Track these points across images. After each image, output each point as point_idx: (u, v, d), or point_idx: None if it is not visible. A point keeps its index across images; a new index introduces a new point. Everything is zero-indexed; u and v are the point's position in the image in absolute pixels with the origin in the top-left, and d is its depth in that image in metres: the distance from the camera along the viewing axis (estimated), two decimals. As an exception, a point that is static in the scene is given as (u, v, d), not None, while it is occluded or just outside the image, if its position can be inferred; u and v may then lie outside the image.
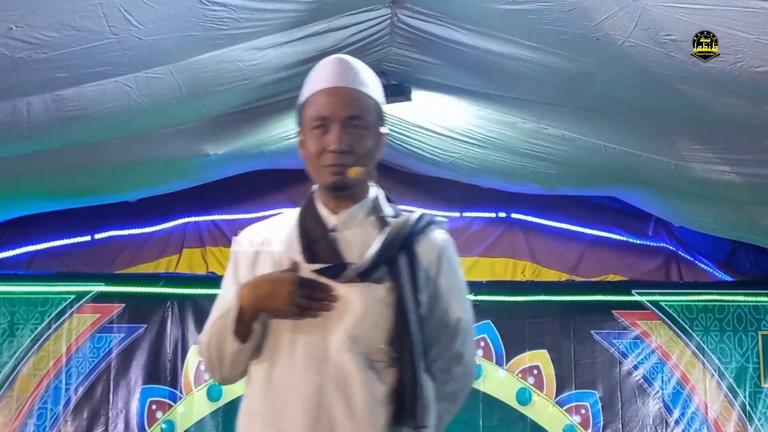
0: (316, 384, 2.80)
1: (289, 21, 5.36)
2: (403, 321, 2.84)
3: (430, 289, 2.98)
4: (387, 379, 2.83)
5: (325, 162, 2.94)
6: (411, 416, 2.82)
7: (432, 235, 3.05)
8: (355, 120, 2.98)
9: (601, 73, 5.42)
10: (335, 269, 2.89)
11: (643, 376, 8.56)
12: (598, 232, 9.31)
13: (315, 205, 3.06)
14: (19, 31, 4.39)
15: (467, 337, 3.09)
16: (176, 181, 8.22)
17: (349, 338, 2.83)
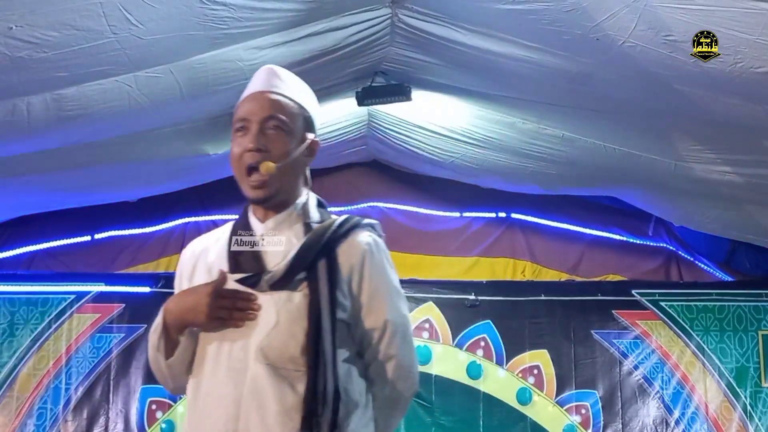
0: (234, 397, 2.80)
1: (289, 20, 5.36)
2: (316, 329, 2.81)
3: (355, 293, 2.95)
4: (299, 387, 2.79)
5: (244, 163, 2.95)
6: (322, 424, 2.77)
7: (355, 239, 3.01)
8: (272, 120, 2.98)
9: (601, 74, 5.42)
10: (252, 279, 2.89)
11: (644, 376, 8.56)
12: (598, 232, 9.32)
13: (247, 213, 3.08)
14: (19, 30, 4.39)
15: (396, 339, 3.02)
16: (176, 181, 8.22)
17: (261, 348, 2.81)
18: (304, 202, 3.08)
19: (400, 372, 3.05)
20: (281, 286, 2.86)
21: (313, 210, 3.09)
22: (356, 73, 6.87)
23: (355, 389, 2.91)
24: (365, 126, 8.39)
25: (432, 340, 8.62)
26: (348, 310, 2.91)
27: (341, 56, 6.21)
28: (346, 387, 2.86)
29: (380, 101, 7.04)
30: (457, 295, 8.72)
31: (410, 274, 9.04)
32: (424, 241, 9.35)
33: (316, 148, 3.15)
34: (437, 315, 8.67)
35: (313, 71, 6.24)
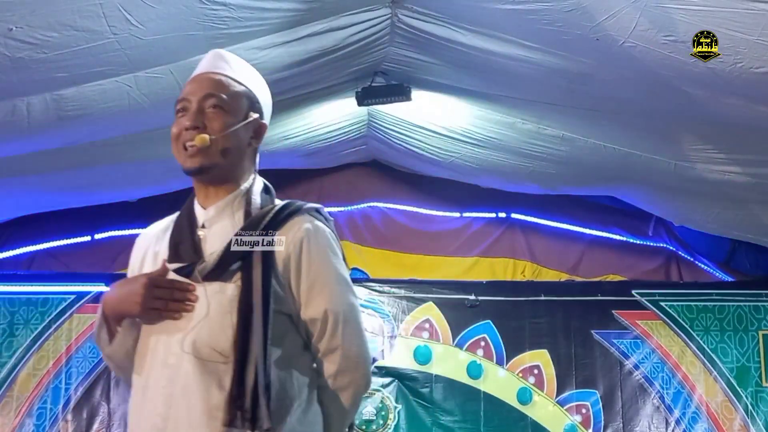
0: (166, 393, 2.72)
1: (289, 20, 5.36)
2: (244, 322, 2.71)
3: (293, 283, 2.83)
4: (227, 383, 2.69)
5: (181, 141, 2.87)
6: (248, 419, 2.66)
7: (292, 225, 2.87)
8: (211, 99, 2.90)
9: (601, 74, 5.42)
10: (186, 269, 2.80)
11: (644, 376, 8.55)
12: (598, 233, 9.32)
13: (193, 202, 2.98)
14: (19, 31, 4.39)
15: (342, 328, 2.88)
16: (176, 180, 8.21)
17: (191, 342, 2.72)
18: (248, 187, 2.97)
19: (346, 363, 2.90)
20: (214, 277, 2.76)
21: (256, 196, 2.96)
22: (356, 73, 6.87)
23: (294, 384, 2.79)
24: (365, 126, 8.39)
25: (432, 340, 8.62)
26: (287, 301, 2.81)
27: (341, 56, 6.21)
28: (283, 382, 2.75)
29: (380, 101, 7.04)
30: (457, 295, 8.72)
31: (410, 274, 9.06)
32: (424, 241, 9.35)
33: (263, 130, 3.06)
34: (437, 315, 8.67)
35: (313, 71, 6.25)
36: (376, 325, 8.66)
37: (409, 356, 8.58)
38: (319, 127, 7.96)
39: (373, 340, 8.60)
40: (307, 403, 2.83)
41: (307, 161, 8.97)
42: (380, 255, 9.32)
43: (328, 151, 8.72)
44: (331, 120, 7.92)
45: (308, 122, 7.75)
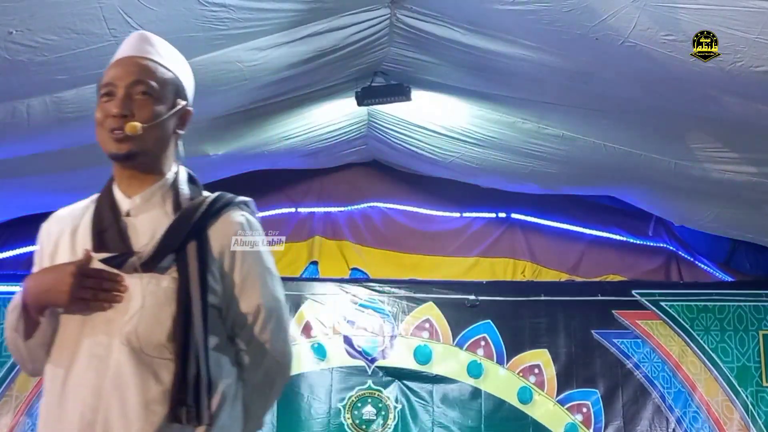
0: (95, 385, 2.61)
1: (289, 21, 5.36)
2: (185, 313, 2.64)
3: (226, 275, 2.79)
4: (165, 376, 2.62)
5: (107, 127, 2.75)
6: (189, 414, 2.60)
7: (227, 219, 2.84)
8: (140, 85, 2.78)
9: (601, 73, 5.42)
10: (118, 259, 2.69)
11: (645, 376, 8.55)
12: (598, 233, 9.32)
13: (111, 188, 2.85)
14: (19, 34, 4.39)
15: (270, 323, 2.86)
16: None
17: (126, 334, 2.62)
18: (174, 177, 2.88)
19: (273, 357, 2.89)
20: (149, 268, 2.67)
21: (183, 186, 2.89)
22: (356, 73, 6.87)
23: (225, 379, 2.76)
24: (365, 126, 8.39)
25: (432, 339, 8.62)
26: (219, 294, 2.76)
27: (341, 56, 6.21)
28: (216, 377, 2.71)
29: (380, 101, 7.04)
30: (458, 295, 8.73)
31: (410, 274, 9.07)
32: (424, 241, 9.35)
33: (188, 117, 2.96)
34: (437, 315, 8.67)
35: (313, 72, 6.26)
36: (377, 325, 8.67)
37: (409, 356, 8.58)
38: (319, 127, 7.96)
39: (374, 340, 8.60)
40: (234, 400, 2.80)
41: (307, 161, 8.97)
42: (380, 255, 9.33)
43: (328, 151, 8.73)
44: (331, 120, 7.92)
45: (308, 122, 7.76)
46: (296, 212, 9.41)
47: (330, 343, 8.63)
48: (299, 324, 8.62)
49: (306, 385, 8.50)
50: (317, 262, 9.25)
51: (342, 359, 8.60)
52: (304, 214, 9.42)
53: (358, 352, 8.59)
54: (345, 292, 8.79)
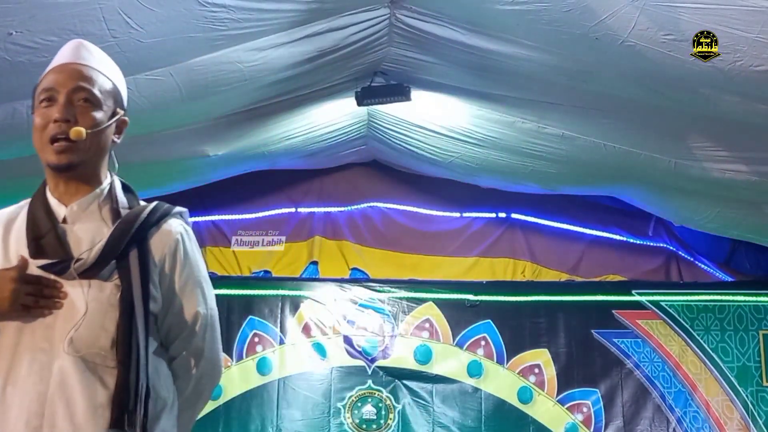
0: (39, 391, 2.58)
1: (289, 21, 5.36)
2: (128, 322, 2.64)
3: (166, 283, 2.79)
4: (110, 381, 2.61)
5: (49, 133, 2.71)
6: (132, 420, 2.60)
7: (167, 227, 2.85)
8: (81, 92, 2.76)
9: (601, 72, 5.42)
10: (59, 265, 2.66)
11: (645, 375, 8.56)
12: (598, 233, 9.33)
13: (45, 194, 2.82)
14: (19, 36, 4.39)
15: (207, 332, 2.90)
16: (177, 182, 8.22)
17: (70, 341, 2.61)
18: (110, 185, 2.88)
19: (207, 366, 2.92)
20: (91, 275, 2.66)
21: (120, 194, 2.89)
22: (356, 73, 6.87)
23: (163, 386, 2.78)
24: (365, 126, 8.39)
25: (432, 339, 8.62)
26: (158, 302, 2.76)
27: (340, 56, 6.21)
28: (155, 383, 2.71)
29: (380, 101, 7.04)
30: (458, 295, 8.73)
31: (410, 274, 9.07)
32: (424, 241, 9.35)
33: (124, 127, 2.96)
34: (437, 315, 8.68)
35: (313, 72, 6.25)
36: (377, 324, 8.67)
37: (409, 356, 8.59)
38: (319, 127, 7.96)
39: (374, 340, 8.61)
40: (171, 407, 2.82)
41: (307, 161, 8.98)
42: (380, 255, 9.33)
43: (328, 152, 8.73)
44: (331, 120, 7.92)
45: (308, 122, 7.75)
46: (296, 212, 9.41)
47: (330, 343, 8.64)
48: (299, 324, 8.63)
49: (306, 385, 8.51)
50: (317, 262, 9.25)
51: (342, 359, 8.61)
52: (304, 214, 9.42)
53: (359, 351, 8.59)
54: (345, 292, 8.79)
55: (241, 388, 8.35)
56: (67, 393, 2.58)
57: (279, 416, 8.37)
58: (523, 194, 8.93)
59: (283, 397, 8.45)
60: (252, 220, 9.17)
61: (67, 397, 2.58)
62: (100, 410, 2.59)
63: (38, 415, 2.57)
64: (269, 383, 8.46)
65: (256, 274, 9.02)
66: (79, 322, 2.62)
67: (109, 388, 2.61)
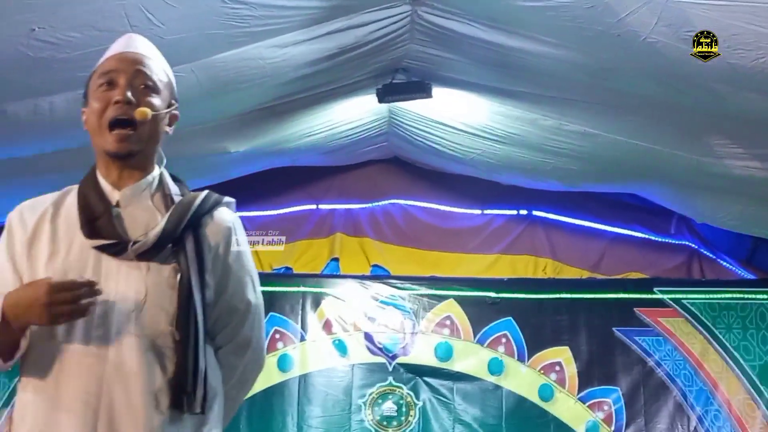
0: (96, 373, 2.58)
1: (310, 18, 5.36)
2: (187, 303, 2.66)
3: (218, 272, 2.82)
4: (169, 364, 2.63)
5: (109, 116, 2.73)
6: (191, 402, 2.62)
7: (219, 216, 2.89)
8: (142, 77, 2.80)
9: (623, 69, 5.41)
10: (117, 247, 2.67)
11: (666, 374, 8.52)
12: (619, 230, 9.29)
13: (96, 178, 2.83)
14: (41, 31, 4.41)
15: (256, 321, 2.95)
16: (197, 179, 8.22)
17: (130, 322, 2.62)
18: (161, 173, 2.90)
19: (253, 355, 2.98)
20: (149, 257, 2.68)
21: (171, 183, 2.92)
22: (377, 70, 6.87)
23: (214, 372, 2.80)
24: (386, 123, 8.39)
25: (453, 336, 8.61)
26: (210, 289, 2.78)
27: (362, 53, 6.22)
28: (207, 368, 2.72)
29: (401, 98, 7.04)
30: (478, 292, 8.72)
31: (431, 271, 9.06)
32: (445, 238, 9.34)
33: (175, 120, 2.99)
34: (458, 312, 8.66)
35: (334, 69, 6.26)
36: (397, 321, 8.67)
37: (430, 353, 8.58)
38: (340, 124, 7.97)
39: (395, 337, 8.61)
40: (220, 395, 2.84)
41: (328, 158, 8.98)
42: (401, 252, 9.32)
43: (349, 148, 8.73)
44: (352, 117, 7.93)
45: (329, 119, 7.77)
46: (317, 209, 9.41)
47: (351, 340, 8.64)
48: (320, 320, 8.63)
49: (327, 382, 8.51)
50: (338, 259, 9.25)
51: (363, 356, 8.61)
52: (325, 211, 9.42)
53: (379, 348, 8.59)
54: (366, 288, 8.79)
55: (262, 385, 8.35)
56: (124, 374, 2.59)
57: (300, 413, 8.38)
58: (545, 191, 8.92)
59: (303, 394, 8.45)
60: (273, 216, 9.18)
61: (125, 379, 2.59)
62: (159, 392, 2.61)
63: (96, 396, 2.57)
64: (290, 380, 8.47)
65: (277, 271, 9.03)
66: (141, 304, 2.64)
67: (168, 370, 2.64)
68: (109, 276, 2.67)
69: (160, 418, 2.60)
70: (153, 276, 2.68)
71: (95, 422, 2.56)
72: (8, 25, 4.38)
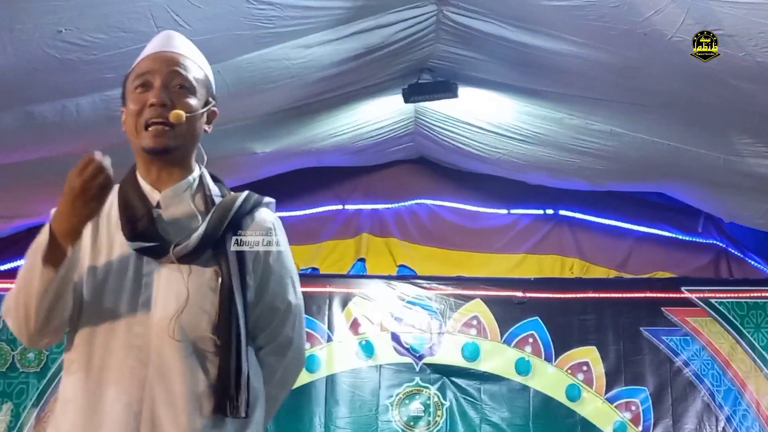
0: (138, 375, 2.59)
1: (336, 18, 5.37)
2: (229, 306, 2.66)
3: (259, 272, 2.82)
4: (211, 367, 2.64)
5: (145, 118, 2.71)
6: (235, 406, 2.62)
7: (260, 216, 2.87)
8: (177, 78, 2.79)
9: (649, 68, 5.40)
10: (157, 249, 2.68)
11: (694, 373, 8.49)
12: (646, 229, 9.25)
13: (136, 179, 2.82)
14: (68, 33, 4.44)
15: (297, 322, 2.94)
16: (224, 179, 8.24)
17: (172, 325, 2.62)
18: (201, 173, 2.91)
19: (295, 355, 2.96)
20: (190, 260, 2.68)
21: (211, 183, 2.93)
22: (402, 70, 6.88)
23: (256, 374, 2.80)
24: (412, 123, 8.39)
25: (480, 336, 8.60)
26: (251, 289, 2.79)
27: (387, 53, 6.22)
28: (249, 371, 2.71)
29: (427, 98, 7.05)
30: (505, 292, 8.70)
31: (457, 271, 9.05)
32: (472, 238, 9.33)
33: (214, 117, 2.96)
34: (485, 312, 8.65)
35: (360, 69, 6.27)
36: (424, 322, 8.67)
37: (457, 353, 8.57)
38: (366, 124, 7.97)
39: (422, 337, 8.61)
40: (261, 395, 2.83)
41: (354, 158, 8.99)
42: (427, 252, 9.32)
43: (375, 148, 8.74)
44: (378, 117, 7.94)
45: (355, 120, 7.77)
46: (343, 209, 9.42)
47: (378, 340, 8.64)
48: (347, 321, 8.64)
49: (354, 382, 8.52)
50: (364, 259, 9.25)
51: (390, 356, 8.61)
52: (351, 211, 9.43)
53: (406, 349, 8.59)
54: (392, 289, 8.78)
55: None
56: (167, 378, 2.60)
57: (327, 413, 8.38)
58: (571, 191, 8.90)
59: (331, 395, 8.46)
60: (300, 217, 9.19)
61: (167, 383, 2.60)
62: (202, 396, 2.62)
63: (138, 400, 2.58)
64: (317, 380, 8.47)
65: (303, 271, 9.04)
66: (182, 307, 2.64)
67: (210, 374, 2.64)
68: (150, 278, 2.69)
69: (202, 422, 2.61)
70: (194, 279, 2.69)
71: (138, 426, 2.57)
72: (35, 27, 4.41)
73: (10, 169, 6.17)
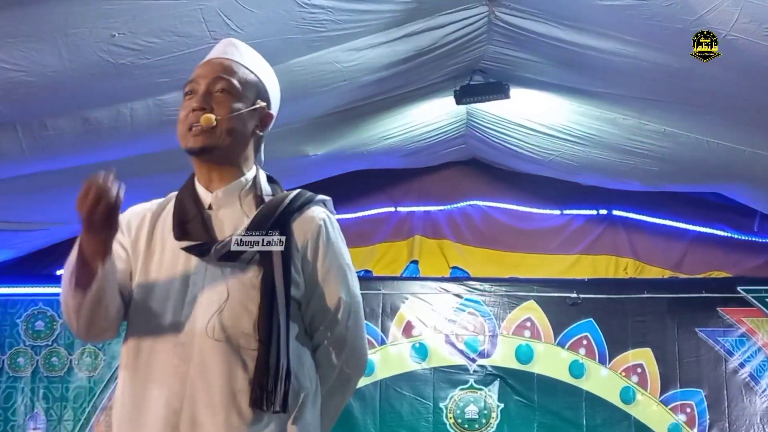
0: (180, 373, 2.64)
1: (387, 21, 5.38)
2: (270, 304, 2.66)
3: (308, 270, 2.81)
4: (251, 365, 2.64)
5: (187, 122, 2.78)
6: (270, 400, 2.60)
7: (310, 214, 2.86)
8: (221, 82, 2.82)
9: (703, 68, 5.34)
10: (202, 248, 2.72)
11: (750, 374, 8.41)
12: (701, 229, 9.17)
13: (194, 183, 2.89)
14: (121, 38, 4.47)
15: (350, 320, 2.89)
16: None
17: (211, 323, 2.65)
18: (255, 175, 2.93)
19: (352, 353, 2.91)
20: (232, 258, 2.71)
21: (264, 184, 2.94)
22: (454, 71, 6.87)
23: (305, 375, 2.77)
24: (464, 125, 8.39)
25: (533, 338, 8.58)
26: (300, 287, 2.77)
27: (439, 55, 6.22)
28: (297, 370, 2.71)
29: (478, 99, 7.04)
30: (559, 293, 8.67)
31: (511, 272, 9.04)
32: (525, 240, 9.31)
33: (269, 120, 2.98)
34: (539, 313, 8.63)
35: (411, 71, 6.27)
36: (478, 323, 8.66)
37: (510, 355, 8.56)
38: (418, 126, 7.98)
39: (475, 339, 8.60)
40: (314, 397, 2.81)
41: (406, 161, 9.00)
42: (481, 254, 9.31)
43: (427, 151, 8.74)
44: (430, 119, 7.94)
45: (407, 122, 7.78)
46: (396, 211, 9.43)
47: (431, 342, 8.64)
48: (400, 323, 8.65)
49: (408, 385, 8.52)
50: (418, 261, 9.26)
51: (444, 358, 8.61)
52: (404, 213, 9.44)
53: (460, 351, 8.59)
54: (446, 291, 8.79)
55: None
56: (208, 375, 2.63)
57: (381, 417, 8.40)
58: (625, 191, 8.85)
59: (385, 399, 8.47)
60: (352, 220, 9.20)
61: (207, 380, 2.62)
62: (240, 393, 2.62)
63: (179, 396, 2.62)
64: (371, 384, 8.49)
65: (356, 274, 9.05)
66: (223, 305, 2.67)
67: (250, 371, 2.64)
68: (196, 277, 2.72)
69: (239, 418, 2.62)
70: (235, 276, 2.70)
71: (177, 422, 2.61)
72: (89, 32, 4.45)
73: (66, 174, 6.22)
